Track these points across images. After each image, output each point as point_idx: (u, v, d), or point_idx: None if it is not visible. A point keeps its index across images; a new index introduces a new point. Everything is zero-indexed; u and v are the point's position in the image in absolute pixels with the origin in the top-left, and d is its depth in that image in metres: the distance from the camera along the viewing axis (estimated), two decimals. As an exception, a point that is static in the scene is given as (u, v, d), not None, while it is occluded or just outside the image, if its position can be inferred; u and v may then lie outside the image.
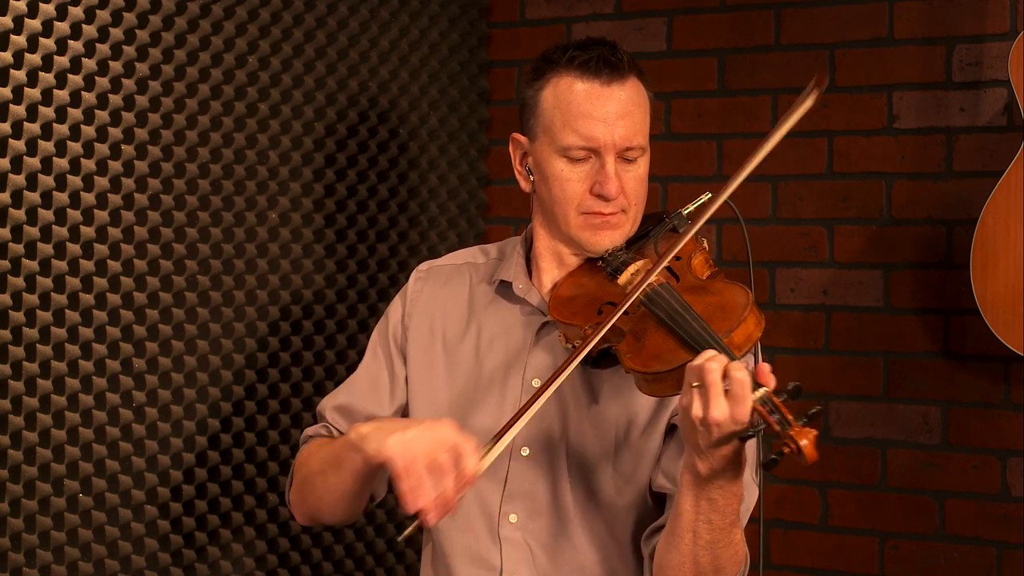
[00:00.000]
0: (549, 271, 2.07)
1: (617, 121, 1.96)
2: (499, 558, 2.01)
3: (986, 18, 2.93)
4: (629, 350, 1.85)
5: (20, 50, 2.36)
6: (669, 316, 1.83)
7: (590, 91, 1.97)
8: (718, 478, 1.75)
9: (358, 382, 2.17)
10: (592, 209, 1.98)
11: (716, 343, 1.76)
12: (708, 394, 1.69)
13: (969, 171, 2.96)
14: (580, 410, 2.00)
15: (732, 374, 1.69)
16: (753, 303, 1.83)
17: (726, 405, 1.68)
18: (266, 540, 2.83)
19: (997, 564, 2.93)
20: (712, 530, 1.80)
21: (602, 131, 1.96)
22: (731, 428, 1.69)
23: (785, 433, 1.66)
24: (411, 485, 1.75)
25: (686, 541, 1.81)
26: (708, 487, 1.77)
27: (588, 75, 1.97)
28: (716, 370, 1.69)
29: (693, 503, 1.79)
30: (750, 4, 3.18)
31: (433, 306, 2.15)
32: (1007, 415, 2.92)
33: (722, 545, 1.82)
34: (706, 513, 1.79)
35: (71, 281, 2.45)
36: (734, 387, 1.68)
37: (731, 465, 1.74)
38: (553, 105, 1.99)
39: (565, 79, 1.99)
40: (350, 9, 3.01)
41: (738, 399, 1.68)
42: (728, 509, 1.79)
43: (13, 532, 2.37)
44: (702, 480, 1.76)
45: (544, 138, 2.01)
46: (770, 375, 1.72)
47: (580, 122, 1.96)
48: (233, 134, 2.76)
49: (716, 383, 1.68)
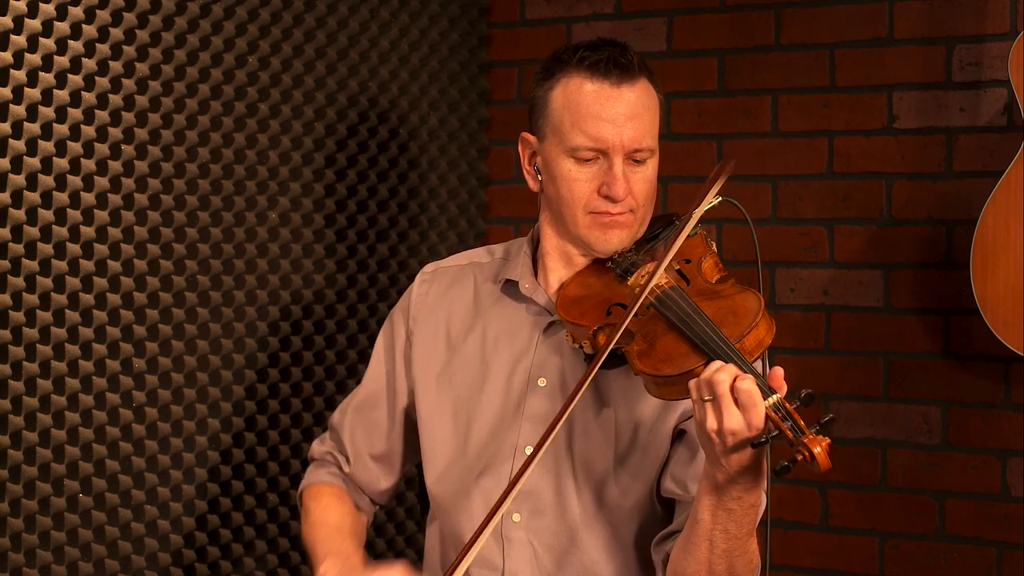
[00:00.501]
0: (556, 271, 2.07)
1: (626, 123, 1.96)
2: (502, 557, 2.01)
3: (986, 18, 2.93)
4: (639, 352, 1.84)
5: (20, 50, 2.35)
6: (680, 319, 1.83)
7: (600, 92, 1.97)
8: (736, 488, 1.75)
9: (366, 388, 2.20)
10: (600, 209, 1.98)
11: (727, 347, 1.76)
12: (720, 405, 1.69)
13: (969, 171, 2.96)
14: (586, 410, 2.00)
15: (738, 385, 1.69)
16: (764, 309, 1.83)
17: (739, 414, 1.69)
18: (266, 540, 2.83)
19: (997, 564, 2.93)
20: (728, 539, 1.80)
21: (611, 132, 1.96)
22: (746, 435, 1.69)
23: (798, 440, 1.66)
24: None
25: (702, 549, 1.81)
26: (726, 497, 1.77)
27: (598, 76, 1.97)
28: (725, 382, 1.69)
29: (711, 513, 1.79)
30: (750, 4, 3.18)
31: (439, 307, 2.15)
32: (1007, 415, 2.92)
33: (738, 554, 1.82)
34: (723, 523, 1.79)
35: (71, 281, 2.45)
36: (742, 397, 1.69)
37: (749, 473, 1.74)
38: (563, 105, 1.99)
39: (575, 79, 1.99)
40: (350, 9, 3.01)
41: (749, 406, 1.68)
42: (745, 519, 1.79)
43: (13, 532, 2.37)
44: (720, 490, 1.76)
45: (553, 138, 2.01)
46: (782, 381, 1.72)
47: (589, 123, 1.96)
48: (233, 134, 2.76)
49: (727, 394, 1.69)
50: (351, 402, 2.22)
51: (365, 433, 2.18)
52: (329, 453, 2.21)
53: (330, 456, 2.20)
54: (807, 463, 1.65)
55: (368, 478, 2.19)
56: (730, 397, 1.69)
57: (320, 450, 2.23)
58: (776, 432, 1.68)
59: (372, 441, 2.18)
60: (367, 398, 2.19)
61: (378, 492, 2.20)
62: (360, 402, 2.20)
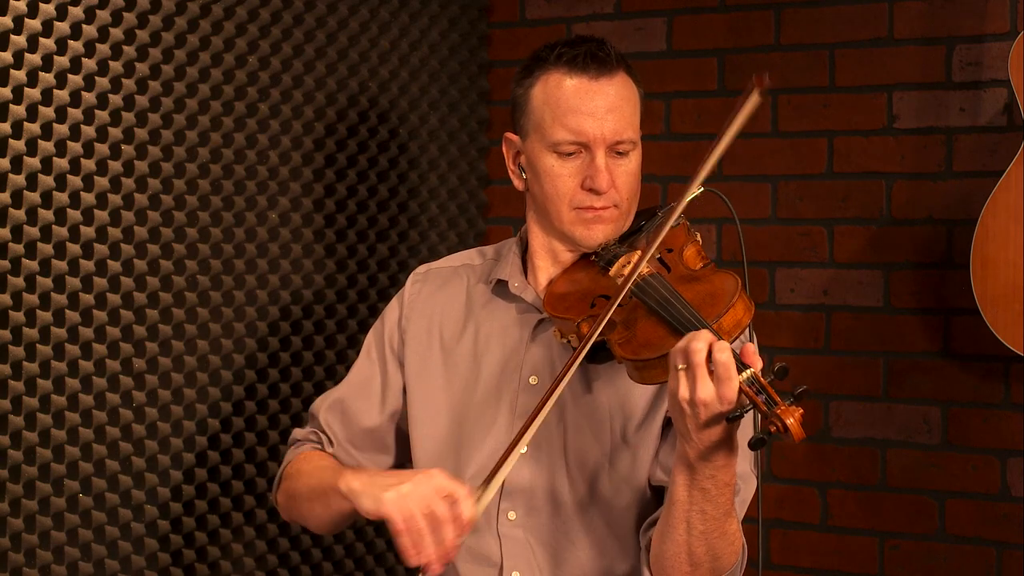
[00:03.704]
0: (545, 268, 2.08)
1: (606, 115, 1.97)
2: (499, 555, 2.01)
3: (986, 18, 2.93)
4: (620, 339, 1.86)
5: (20, 50, 2.36)
6: (659, 304, 1.84)
7: (579, 86, 1.98)
8: (709, 466, 1.75)
9: (352, 382, 2.19)
10: (584, 204, 1.99)
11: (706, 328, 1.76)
12: (694, 374, 1.69)
13: (969, 171, 2.96)
14: (577, 406, 2.01)
15: (716, 356, 1.69)
16: (742, 289, 1.84)
17: (712, 385, 1.69)
18: (266, 540, 2.83)
19: (997, 564, 2.93)
20: (706, 520, 1.80)
21: (591, 125, 1.97)
22: (718, 408, 1.69)
23: (772, 412, 1.66)
24: (413, 540, 1.79)
25: (680, 531, 1.82)
26: (700, 476, 1.77)
27: (576, 71, 1.99)
28: (701, 350, 1.69)
29: (686, 493, 1.79)
30: (750, 4, 3.18)
31: (431, 308, 2.15)
32: (1007, 415, 2.92)
33: (716, 535, 1.82)
34: (699, 503, 1.79)
35: (71, 281, 2.46)
36: (719, 368, 1.69)
37: (721, 449, 1.74)
38: (543, 102, 2.00)
39: (554, 76, 2.00)
40: (350, 9, 3.01)
41: (724, 379, 1.68)
42: (721, 499, 1.79)
43: (13, 532, 2.38)
44: (693, 469, 1.76)
45: (535, 135, 2.02)
46: (756, 355, 1.72)
47: (569, 117, 1.97)
48: (233, 134, 2.76)
49: (702, 363, 1.69)
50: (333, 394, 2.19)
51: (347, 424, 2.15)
52: (314, 432, 2.19)
53: (314, 435, 2.18)
54: (781, 434, 1.66)
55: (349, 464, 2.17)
56: (705, 368, 1.69)
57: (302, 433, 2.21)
58: (750, 406, 1.68)
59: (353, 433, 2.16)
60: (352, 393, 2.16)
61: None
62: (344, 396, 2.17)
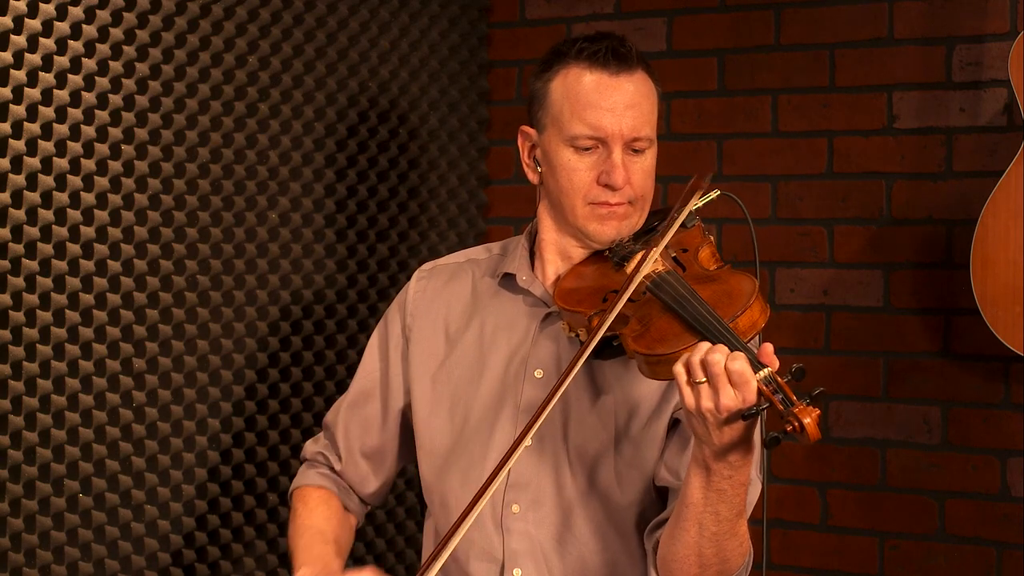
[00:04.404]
0: (553, 263, 2.08)
1: (625, 111, 1.98)
2: (502, 548, 2.01)
3: (986, 18, 2.93)
4: (634, 334, 1.85)
5: (20, 50, 2.36)
6: (675, 300, 1.84)
7: (599, 81, 1.99)
8: (726, 466, 1.76)
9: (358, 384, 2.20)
10: (599, 199, 2.00)
11: (722, 327, 1.77)
12: (716, 384, 1.70)
13: (969, 171, 2.96)
14: (582, 401, 2.01)
15: (730, 366, 1.70)
16: (759, 292, 1.84)
17: (733, 391, 1.69)
18: (266, 540, 2.83)
19: (997, 564, 2.93)
20: (718, 521, 1.80)
21: (610, 121, 1.97)
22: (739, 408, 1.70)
23: (788, 412, 1.67)
24: None
25: (691, 533, 1.82)
26: (717, 476, 1.77)
27: (597, 66, 1.99)
28: (720, 361, 1.70)
29: (702, 495, 1.79)
30: (750, 4, 3.18)
31: (436, 303, 2.16)
32: (1007, 415, 2.92)
33: (727, 537, 1.82)
34: (714, 504, 1.79)
35: (71, 281, 2.45)
36: (734, 377, 1.70)
37: (739, 448, 1.75)
38: (562, 96, 2.01)
39: (574, 70, 2.01)
40: (350, 9, 3.01)
41: (742, 384, 1.69)
42: (736, 499, 1.80)
43: (13, 532, 2.37)
44: (711, 470, 1.77)
45: (552, 129, 2.02)
46: (773, 356, 1.73)
47: (588, 112, 1.98)
48: (233, 134, 2.76)
49: (721, 373, 1.70)
50: (344, 400, 2.22)
51: (359, 429, 2.18)
52: (320, 453, 2.21)
53: (321, 456, 2.21)
54: (797, 434, 1.66)
55: (358, 477, 2.19)
56: (725, 377, 1.70)
57: (312, 450, 2.23)
58: (767, 404, 1.69)
59: (364, 437, 2.18)
60: (360, 394, 2.19)
61: (368, 493, 2.20)
62: (353, 399, 2.20)
